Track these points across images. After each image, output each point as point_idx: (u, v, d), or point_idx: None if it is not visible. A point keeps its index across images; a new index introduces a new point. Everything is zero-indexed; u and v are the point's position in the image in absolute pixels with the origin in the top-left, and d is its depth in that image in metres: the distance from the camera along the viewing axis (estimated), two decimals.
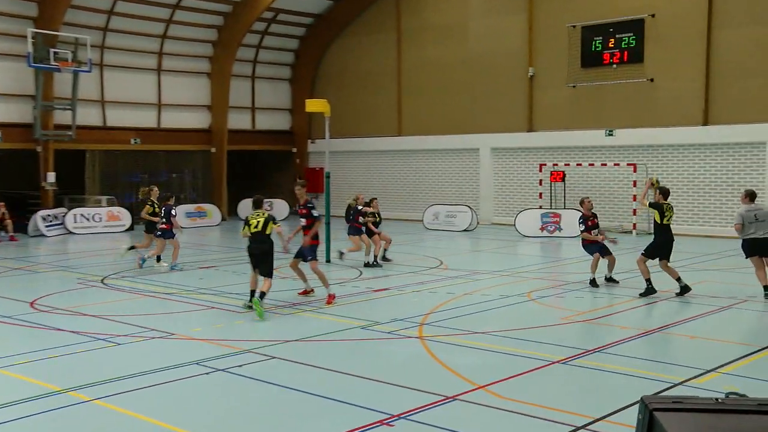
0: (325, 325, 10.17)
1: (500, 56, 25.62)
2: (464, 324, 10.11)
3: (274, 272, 11.39)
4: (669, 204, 12.06)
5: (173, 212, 15.38)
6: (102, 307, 11.57)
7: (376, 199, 16.92)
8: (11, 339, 9.45)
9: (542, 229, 22.00)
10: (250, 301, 10.92)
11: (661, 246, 12.00)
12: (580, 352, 8.53)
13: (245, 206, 28.87)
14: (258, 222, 11.20)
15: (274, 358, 8.39)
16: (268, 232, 11.17)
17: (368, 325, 10.08)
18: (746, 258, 12.00)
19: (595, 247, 13.20)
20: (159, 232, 15.50)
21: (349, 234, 15.78)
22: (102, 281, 13.98)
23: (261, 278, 11.15)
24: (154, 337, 9.42)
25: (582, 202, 13.38)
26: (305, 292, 12.22)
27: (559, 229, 21.84)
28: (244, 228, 11.30)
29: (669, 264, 12.03)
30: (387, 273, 14.86)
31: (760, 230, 11.80)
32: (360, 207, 15.76)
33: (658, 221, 11.99)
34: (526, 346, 8.86)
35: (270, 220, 11.24)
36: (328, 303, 11.51)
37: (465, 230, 23.63)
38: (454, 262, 16.38)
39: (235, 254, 18.49)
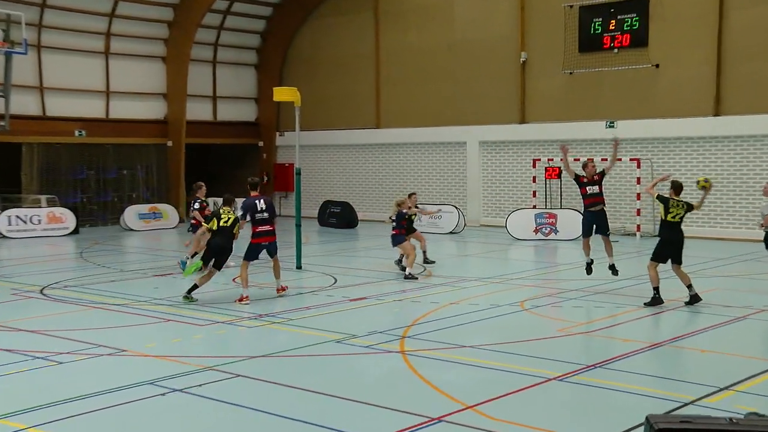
0: (296, 338, 10.12)
1: (489, 40, 25.71)
2: (450, 337, 10.11)
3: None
4: (680, 200, 12.05)
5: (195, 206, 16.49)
6: (41, 321, 11.39)
7: (414, 194, 16.79)
8: None
9: (536, 231, 22.11)
10: (188, 293, 12.53)
11: (665, 245, 12.06)
12: (580, 368, 8.56)
13: None
14: (229, 219, 12.62)
15: (239, 376, 8.33)
16: (235, 231, 12.72)
17: (344, 338, 10.05)
18: None
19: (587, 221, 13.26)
20: (189, 228, 16.80)
21: (395, 245, 15.53)
22: (41, 292, 13.80)
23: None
24: (102, 355, 9.30)
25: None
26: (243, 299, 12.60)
27: (555, 231, 21.95)
28: (212, 220, 12.61)
29: (682, 268, 12.11)
30: (365, 280, 14.83)
31: None
32: (405, 211, 15.70)
33: (663, 217, 12.06)
34: (519, 361, 8.87)
35: (237, 221, 12.75)
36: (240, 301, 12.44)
37: (451, 232, 23.67)
38: (439, 268, 16.39)
39: (193, 259, 18.30)
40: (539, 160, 24.39)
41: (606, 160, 23.24)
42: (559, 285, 14.56)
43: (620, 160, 19.93)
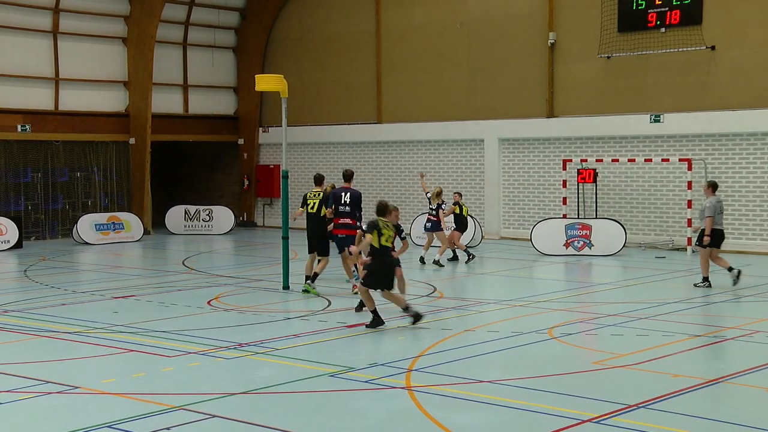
0: (283, 371, 10.12)
1: (510, 18, 25.77)
2: (465, 370, 10.11)
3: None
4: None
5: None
6: None
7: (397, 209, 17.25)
8: None
9: (567, 245, 22.12)
10: (306, 284, 15.49)
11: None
12: (619, 408, 8.55)
13: (176, 216, 28.78)
14: (314, 203, 15.59)
15: (215, 416, 8.33)
16: (322, 215, 15.81)
17: (340, 371, 10.06)
18: None
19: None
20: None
21: (434, 230, 20.24)
22: None
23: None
24: (50, 393, 9.30)
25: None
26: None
27: (590, 245, 21.97)
28: (302, 207, 16.10)
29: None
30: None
31: None
32: (442, 203, 20.35)
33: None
34: (546, 399, 8.86)
35: (323, 202, 15.83)
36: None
37: (466, 246, 23.65)
38: (452, 289, 16.39)
39: (161, 279, 18.36)
40: (570, 160, 24.41)
41: (650, 160, 23.32)
42: (595, 309, 14.54)
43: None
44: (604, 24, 23.81)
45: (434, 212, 20.25)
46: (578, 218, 23.25)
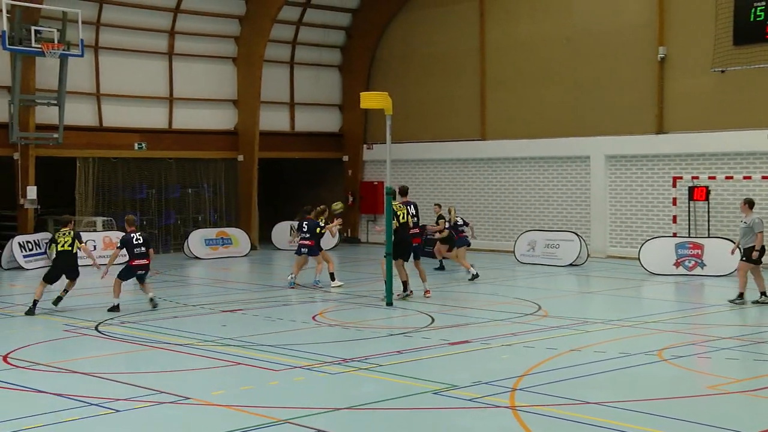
0: (386, 387, 10.17)
1: (618, 32, 25.38)
2: (571, 390, 9.98)
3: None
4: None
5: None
6: (96, 361, 11.84)
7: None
8: None
9: (677, 264, 21.59)
10: (405, 290, 17.05)
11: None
12: None
13: (282, 232, 29.20)
14: (403, 214, 17.08)
15: (320, 431, 8.42)
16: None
17: (443, 389, 10.04)
18: None
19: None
20: (304, 250, 19.13)
21: (459, 246, 21.08)
22: (96, 328, 14.33)
23: None
24: (162, 402, 9.58)
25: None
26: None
27: (702, 264, 21.39)
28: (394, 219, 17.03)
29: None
30: (468, 320, 14.80)
31: None
32: (459, 220, 21.53)
33: None
34: (656, 424, 8.66)
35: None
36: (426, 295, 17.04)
37: (571, 264, 23.36)
38: (557, 308, 16.19)
39: (267, 293, 18.70)
40: (681, 178, 23.86)
41: (767, 178, 22.56)
42: (708, 331, 14.16)
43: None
44: (719, 37, 23.15)
45: (460, 228, 21.31)
46: (689, 237, 22.68)
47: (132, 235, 16.33)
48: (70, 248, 15.87)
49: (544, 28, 26.91)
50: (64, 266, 15.96)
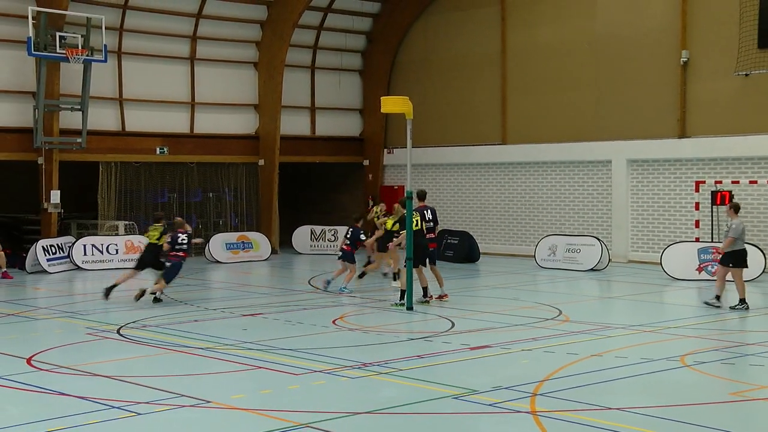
0: (406, 392, 10.17)
1: (640, 36, 25.27)
2: (592, 396, 9.94)
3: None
4: None
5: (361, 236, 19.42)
6: (117, 365, 11.92)
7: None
8: (1, 406, 9.81)
9: (700, 269, 21.43)
10: (425, 295, 16.98)
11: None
12: None
13: (302, 236, 29.28)
14: (417, 220, 16.86)
15: None
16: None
17: (463, 393, 10.03)
18: None
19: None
20: (340, 253, 19.55)
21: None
22: (118, 332, 14.42)
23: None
24: (183, 405, 9.63)
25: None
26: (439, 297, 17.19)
27: None
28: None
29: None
30: (489, 325, 14.78)
31: None
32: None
33: None
34: (678, 430, 8.63)
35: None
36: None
37: (592, 269, 23.27)
38: (578, 312, 16.14)
39: (288, 297, 18.74)
40: (704, 182, 23.70)
41: None
42: (731, 337, 14.08)
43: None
44: (743, 40, 23.01)
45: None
46: (712, 242, 22.52)
47: (178, 235, 17.56)
48: (156, 241, 17.78)
49: (566, 32, 26.84)
50: (150, 256, 17.88)
